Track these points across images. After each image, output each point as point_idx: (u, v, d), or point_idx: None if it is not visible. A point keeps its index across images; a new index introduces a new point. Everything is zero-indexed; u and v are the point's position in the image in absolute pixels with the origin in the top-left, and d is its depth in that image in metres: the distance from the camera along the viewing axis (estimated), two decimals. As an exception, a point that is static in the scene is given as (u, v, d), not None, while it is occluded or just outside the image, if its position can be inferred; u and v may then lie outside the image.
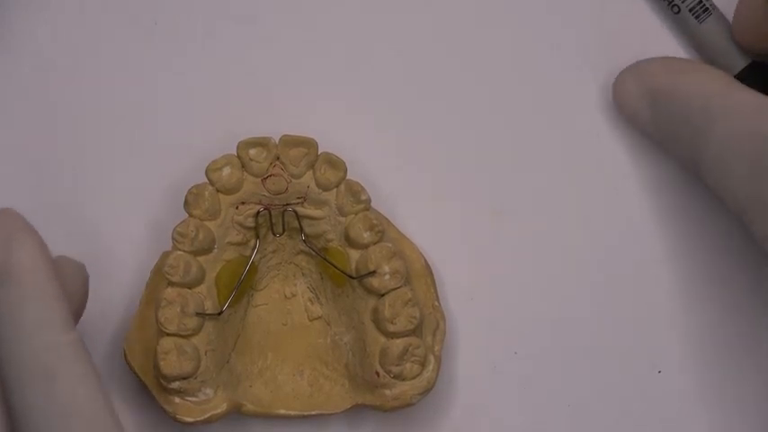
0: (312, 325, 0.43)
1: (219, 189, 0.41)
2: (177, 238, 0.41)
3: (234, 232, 0.42)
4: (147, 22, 0.44)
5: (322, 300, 0.43)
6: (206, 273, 0.41)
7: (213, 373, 0.41)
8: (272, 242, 0.43)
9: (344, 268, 0.42)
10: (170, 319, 0.40)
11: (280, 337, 0.43)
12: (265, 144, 0.42)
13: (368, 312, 0.41)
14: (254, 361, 0.42)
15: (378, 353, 0.41)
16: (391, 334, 0.41)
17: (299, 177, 0.42)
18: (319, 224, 0.42)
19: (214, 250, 0.41)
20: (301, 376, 0.42)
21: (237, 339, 0.42)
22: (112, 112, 0.44)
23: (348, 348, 0.42)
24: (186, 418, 0.40)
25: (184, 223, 0.41)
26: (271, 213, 0.42)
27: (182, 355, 0.40)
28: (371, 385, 0.41)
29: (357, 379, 0.42)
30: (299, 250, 0.43)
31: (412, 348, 0.41)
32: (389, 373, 0.41)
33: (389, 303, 0.41)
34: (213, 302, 0.41)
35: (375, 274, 0.41)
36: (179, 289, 0.40)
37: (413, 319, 0.41)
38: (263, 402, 0.42)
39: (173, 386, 0.40)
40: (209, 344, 0.41)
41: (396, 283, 0.41)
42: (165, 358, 0.40)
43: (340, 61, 0.44)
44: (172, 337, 0.40)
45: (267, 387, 0.42)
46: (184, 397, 0.40)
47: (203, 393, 0.40)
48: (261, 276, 0.43)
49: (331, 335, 0.43)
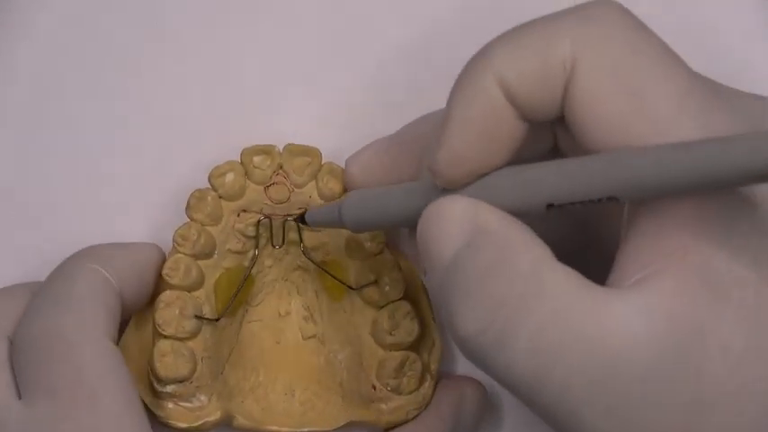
0: (306, 344, 0.42)
1: (222, 195, 0.41)
2: (178, 240, 0.40)
3: (234, 240, 0.41)
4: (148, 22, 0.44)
5: (316, 318, 0.42)
6: (205, 278, 0.41)
7: (208, 380, 0.40)
8: (269, 255, 0.42)
9: (344, 280, 0.41)
10: (168, 321, 0.39)
11: (273, 356, 0.42)
12: (269, 152, 0.42)
13: (366, 326, 0.41)
14: (246, 377, 0.42)
15: (375, 366, 0.40)
16: (390, 346, 0.40)
17: (301, 187, 0.42)
18: (319, 236, 0.42)
19: (214, 256, 0.41)
20: (293, 396, 0.41)
21: (232, 351, 0.42)
22: (112, 112, 0.44)
23: (343, 366, 0.42)
24: (179, 424, 0.39)
25: (186, 226, 0.41)
26: (272, 222, 0.41)
27: (178, 357, 0.39)
28: (367, 400, 0.40)
29: (352, 395, 0.41)
30: (296, 266, 0.42)
31: (410, 363, 0.40)
32: (386, 386, 0.40)
33: (389, 315, 0.40)
34: (211, 308, 0.41)
35: (376, 284, 0.41)
36: (178, 292, 0.40)
37: (412, 332, 0.40)
38: (255, 418, 0.41)
39: (167, 390, 0.39)
40: (206, 350, 0.40)
41: (396, 295, 0.41)
42: (162, 360, 0.39)
43: (342, 69, 0.45)
44: (169, 339, 0.39)
45: (259, 404, 0.41)
46: (178, 402, 0.39)
47: (197, 399, 0.40)
48: (256, 292, 0.42)
49: (325, 353, 0.42)
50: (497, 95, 0.32)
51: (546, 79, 0.31)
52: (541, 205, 0.31)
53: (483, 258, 0.31)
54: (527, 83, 0.32)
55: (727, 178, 0.27)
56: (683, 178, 0.28)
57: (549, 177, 0.31)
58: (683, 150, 0.28)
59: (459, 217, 0.32)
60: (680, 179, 0.28)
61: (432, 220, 0.33)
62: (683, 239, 0.30)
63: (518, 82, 0.32)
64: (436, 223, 0.33)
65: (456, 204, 0.33)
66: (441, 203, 0.33)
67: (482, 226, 0.32)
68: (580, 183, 0.30)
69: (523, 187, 0.32)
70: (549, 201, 0.31)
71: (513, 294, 0.30)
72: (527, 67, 0.31)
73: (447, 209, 0.33)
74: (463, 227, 0.32)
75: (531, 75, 0.31)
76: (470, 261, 0.32)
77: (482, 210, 0.32)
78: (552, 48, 0.31)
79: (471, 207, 0.32)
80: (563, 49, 0.31)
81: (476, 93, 0.32)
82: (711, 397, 0.30)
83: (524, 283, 0.30)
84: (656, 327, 0.30)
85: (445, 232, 0.33)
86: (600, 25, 0.31)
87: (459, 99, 0.33)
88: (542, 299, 0.30)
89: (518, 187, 0.32)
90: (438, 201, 0.33)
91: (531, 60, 0.31)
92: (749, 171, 0.27)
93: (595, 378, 0.30)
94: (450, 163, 0.33)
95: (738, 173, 0.27)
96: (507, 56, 0.32)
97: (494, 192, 0.32)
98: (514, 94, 0.32)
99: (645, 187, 0.29)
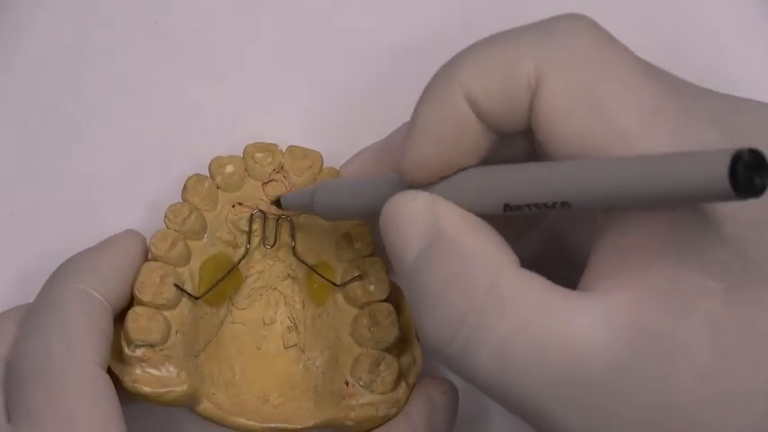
0: (286, 353, 0.42)
1: (219, 185, 0.42)
2: (169, 216, 0.40)
3: (226, 230, 0.41)
4: (148, 22, 0.45)
5: (300, 329, 0.42)
6: (192, 258, 0.41)
7: (181, 355, 0.39)
8: (261, 260, 0.42)
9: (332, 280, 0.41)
10: (147, 286, 0.39)
11: (252, 361, 0.42)
12: (272, 150, 0.42)
13: (346, 325, 0.41)
14: (221, 372, 0.41)
15: (350, 363, 0.40)
16: (367, 342, 0.40)
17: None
18: (311, 238, 0.42)
19: (204, 239, 0.41)
20: (266, 401, 0.41)
21: (209, 343, 0.41)
22: (112, 112, 0.44)
23: (320, 371, 0.41)
24: (144, 388, 0.38)
25: (179, 204, 0.41)
26: (266, 218, 0.42)
27: (152, 321, 0.38)
28: (338, 398, 0.40)
29: (324, 396, 0.40)
30: (286, 275, 0.42)
31: (386, 363, 0.40)
32: (359, 380, 0.39)
33: (370, 313, 0.40)
34: (194, 288, 0.40)
35: (360, 279, 0.41)
36: (161, 263, 0.40)
37: (390, 334, 0.40)
38: (223, 408, 0.40)
39: (137, 353, 0.38)
40: (182, 326, 0.39)
41: (380, 295, 0.40)
42: (135, 321, 0.38)
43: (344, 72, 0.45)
44: (145, 306, 0.39)
45: (230, 400, 0.40)
46: (146, 368, 0.38)
47: (166, 369, 0.39)
48: (243, 296, 0.42)
49: (303, 360, 0.42)
50: (465, 109, 0.32)
51: (511, 96, 0.32)
52: (499, 205, 0.32)
53: (443, 269, 0.32)
54: (493, 98, 0.32)
55: (677, 195, 0.27)
56: (633, 191, 0.28)
57: (508, 179, 0.32)
58: (637, 163, 0.28)
59: (419, 217, 0.33)
60: (630, 192, 0.28)
61: (392, 216, 0.34)
62: (649, 251, 0.30)
63: (484, 97, 0.32)
64: (396, 221, 0.33)
65: (416, 202, 0.33)
66: (401, 199, 0.34)
67: (442, 228, 0.32)
68: (535, 186, 0.31)
69: (483, 187, 0.32)
70: (506, 201, 0.31)
71: (474, 309, 0.31)
72: (493, 83, 0.32)
73: (406, 207, 0.33)
74: (423, 228, 0.33)
75: (497, 91, 0.32)
76: (430, 270, 0.32)
77: (442, 210, 0.33)
78: (517, 65, 0.31)
79: (430, 205, 0.33)
80: (528, 66, 0.31)
81: (443, 105, 0.33)
82: (680, 405, 0.30)
83: (484, 298, 0.31)
84: (617, 336, 0.30)
85: (405, 233, 0.33)
86: (565, 42, 0.31)
87: (426, 110, 0.33)
88: (503, 313, 0.31)
89: (478, 186, 0.33)
90: (398, 196, 0.34)
91: (497, 77, 0.32)
92: (697, 190, 0.27)
93: (559, 386, 0.30)
94: (415, 168, 0.33)
95: (688, 191, 0.27)
96: (474, 70, 0.32)
97: (455, 190, 0.33)
98: (481, 109, 0.32)
99: (595, 197, 0.29)
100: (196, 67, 0.45)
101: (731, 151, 0.26)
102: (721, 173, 0.26)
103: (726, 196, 0.26)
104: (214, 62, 0.45)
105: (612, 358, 0.30)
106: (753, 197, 0.26)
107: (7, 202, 0.44)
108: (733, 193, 0.26)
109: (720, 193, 0.26)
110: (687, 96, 0.32)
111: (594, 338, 0.30)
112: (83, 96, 0.44)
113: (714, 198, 0.27)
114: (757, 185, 0.26)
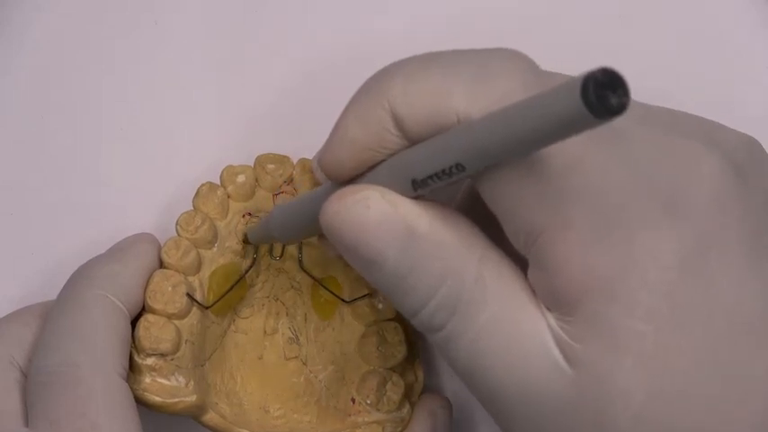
0: (287, 364, 0.42)
1: (230, 194, 0.42)
2: (182, 224, 0.40)
3: (236, 240, 0.42)
4: (148, 22, 0.45)
5: (302, 341, 0.42)
6: (202, 266, 0.41)
7: (190, 365, 0.39)
8: (265, 270, 0.42)
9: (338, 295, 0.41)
10: (159, 294, 0.39)
11: (253, 370, 0.42)
12: (283, 162, 0.42)
13: (353, 342, 0.41)
14: (224, 381, 0.41)
15: (357, 380, 0.40)
16: (375, 360, 0.40)
17: None
18: (319, 252, 0.42)
19: (214, 248, 0.41)
20: (266, 412, 0.41)
21: (214, 353, 0.41)
22: (111, 113, 0.44)
23: (323, 385, 0.41)
24: (154, 398, 0.38)
25: (191, 212, 0.41)
26: None
27: (164, 331, 0.39)
28: (344, 414, 0.40)
29: (328, 410, 0.41)
30: (289, 287, 0.43)
31: (393, 381, 0.40)
32: (366, 399, 0.40)
33: (378, 331, 0.40)
34: (203, 298, 0.40)
35: (369, 297, 0.41)
36: (173, 271, 0.40)
37: (398, 353, 0.40)
38: (227, 418, 0.40)
39: (147, 362, 0.38)
40: (192, 335, 0.40)
41: (389, 314, 0.41)
42: (147, 330, 0.38)
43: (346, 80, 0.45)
44: (157, 315, 0.39)
45: (232, 410, 0.41)
46: (156, 377, 0.38)
47: (176, 379, 0.39)
48: (246, 305, 0.42)
49: (305, 373, 0.42)
50: (388, 124, 0.33)
51: (438, 125, 0.32)
52: (407, 182, 0.32)
53: (428, 269, 0.32)
54: (418, 122, 0.32)
55: (545, 130, 0.27)
56: (506, 137, 0.29)
57: (410, 154, 0.32)
58: (506, 109, 0.28)
59: (382, 220, 0.32)
60: (503, 138, 0.29)
61: (345, 222, 0.33)
62: (574, 293, 0.31)
63: (410, 120, 0.32)
64: (353, 227, 0.33)
65: (368, 203, 0.33)
66: (352, 204, 0.33)
67: (413, 228, 0.32)
68: (430, 152, 0.31)
69: (392, 166, 0.33)
70: (411, 176, 0.32)
71: (462, 301, 0.32)
72: (421, 109, 0.32)
73: (364, 212, 0.33)
74: (391, 230, 0.32)
75: (424, 117, 0.32)
76: (415, 272, 0.33)
77: (403, 208, 0.33)
78: (447, 100, 0.32)
79: (388, 205, 0.33)
80: (458, 103, 0.31)
81: (368, 118, 0.33)
82: None
83: (470, 292, 0.32)
84: (563, 370, 0.31)
85: (374, 237, 0.32)
86: (497, 84, 0.32)
87: (352, 119, 0.34)
88: (484, 305, 0.32)
89: (389, 168, 0.33)
90: (338, 197, 0.33)
91: (426, 105, 0.32)
92: (560, 119, 0.27)
93: (513, 393, 0.32)
94: (334, 166, 0.34)
95: (554, 123, 0.27)
96: (403, 92, 0.32)
97: (373, 178, 0.34)
98: (405, 128, 0.33)
99: (478, 151, 0.30)
100: (199, 68, 0.44)
101: (583, 74, 0.26)
102: (575, 96, 0.26)
103: (586, 119, 0.26)
104: (218, 63, 0.44)
105: (559, 382, 0.31)
106: (611, 117, 0.26)
107: (7, 201, 0.44)
108: (590, 115, 0.26)
109: (579, 116, 0.26)
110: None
111: (549, 357, 0.31)
112: (83, 96, 0.44)
113: (578, 125, 0.26)
114: (613, 104, 0.26)
